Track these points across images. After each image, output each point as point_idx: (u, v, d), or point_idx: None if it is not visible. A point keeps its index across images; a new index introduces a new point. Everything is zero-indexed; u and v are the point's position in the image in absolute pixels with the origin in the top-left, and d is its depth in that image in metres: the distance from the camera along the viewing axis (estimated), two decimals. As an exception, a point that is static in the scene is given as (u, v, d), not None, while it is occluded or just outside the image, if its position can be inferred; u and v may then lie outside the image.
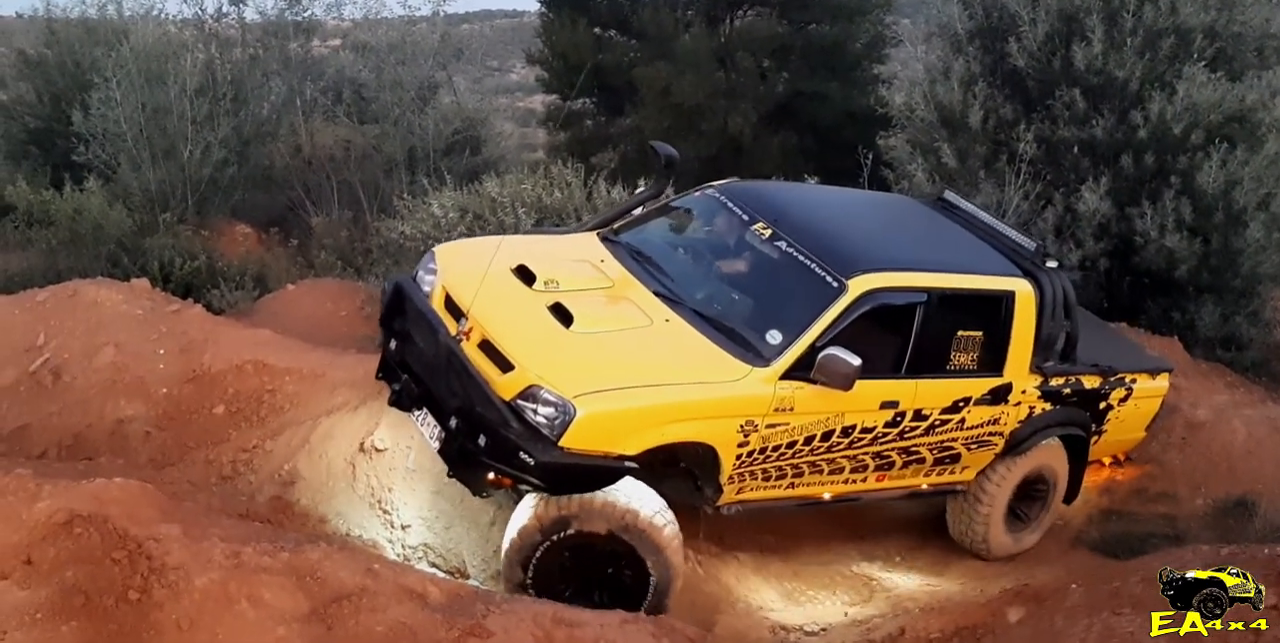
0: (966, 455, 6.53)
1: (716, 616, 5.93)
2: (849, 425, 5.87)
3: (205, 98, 11.84)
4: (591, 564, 5.33)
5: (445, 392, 5.36)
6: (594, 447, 5.11)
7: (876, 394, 5.89)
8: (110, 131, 11.55)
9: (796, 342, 5.57)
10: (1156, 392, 7.33)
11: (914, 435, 6.18)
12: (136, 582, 4.19)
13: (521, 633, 4.47)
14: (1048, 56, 10.02)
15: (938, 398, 6.16)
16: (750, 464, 5.65)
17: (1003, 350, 6.34)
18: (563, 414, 5.05)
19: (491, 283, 5.59)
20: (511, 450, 5.07)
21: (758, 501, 5.91)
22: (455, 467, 5.33)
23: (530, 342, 5.38)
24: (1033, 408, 6.61)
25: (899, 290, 5.92)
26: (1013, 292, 6.32)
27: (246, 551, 4.45)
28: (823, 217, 6.42)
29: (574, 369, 5.23)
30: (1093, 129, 9.70)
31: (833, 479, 6.10)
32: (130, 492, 4.65)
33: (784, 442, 5.67)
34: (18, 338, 7.17)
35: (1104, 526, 7.38)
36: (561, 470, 5.10)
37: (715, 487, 5.66)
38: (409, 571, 4.91)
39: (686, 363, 5.46)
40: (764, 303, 5.92)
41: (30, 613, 4.03)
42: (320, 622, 4.28)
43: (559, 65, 14.39)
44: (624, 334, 5.54)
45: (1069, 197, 9.76)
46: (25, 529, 4.32)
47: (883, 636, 5.83)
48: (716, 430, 5.44)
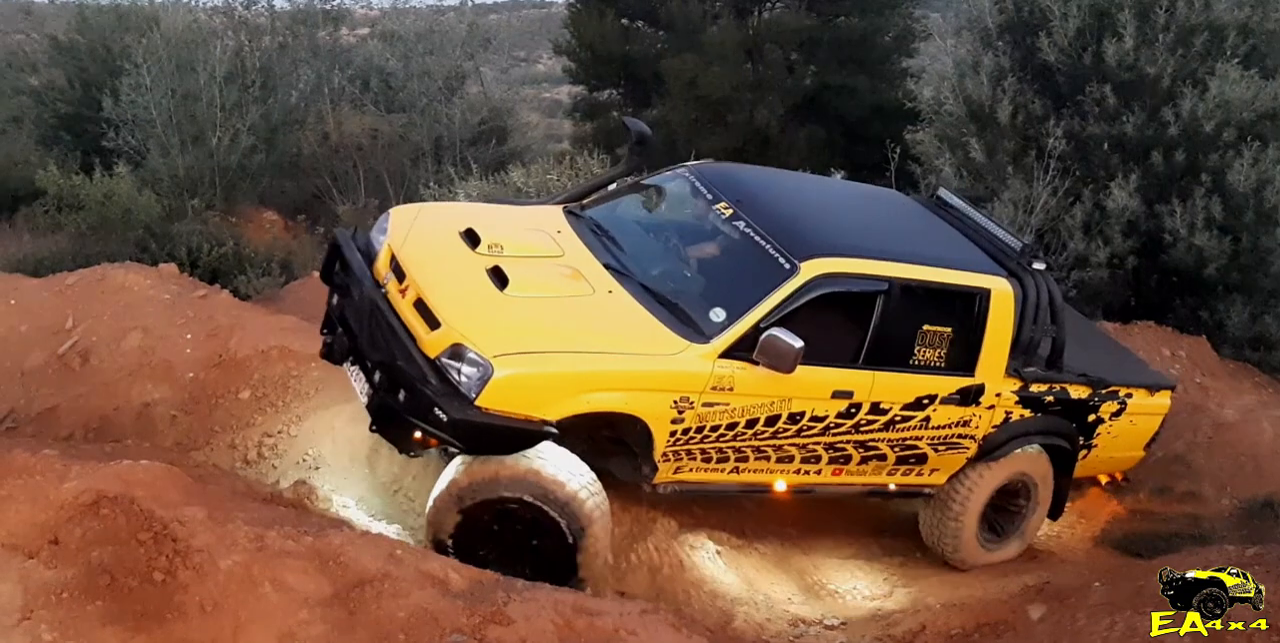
0: (934, 457, 6.33)
1: (737, 607, 5.90)
2: (797, 412, 5.71)
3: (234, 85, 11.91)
4: (515, 533, 5.24)
5: (370, 345, 5.35)
6: (511, 408, 5.04)
7: (828, 382, 5.74)
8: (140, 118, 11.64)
9: (740, 321, 5.47)
10: (1156, 409, 7.07)
11: (871, 429, 6.00)
12: (161, 563, 4.20)
13: (542, 621, 4.45)
14: (1078, 52, 9.93)
15: (898, 393, 5.98)
16: (687, 443, 5.54)
17: (975, 350, 6.14)
18: (481, 373, 4.99)
19: (435, 244, 5.64)
20: (427, 406, 5.02)
21: (698, 483, 5.81)
22: (378, 422, 5.30)
23: (461, 302, 5.32)
24: (1009, 413, 6.41)
25: (857, 277, 5.77)
26: (988, 290, 6.12)
27: (270, 534, 4.46)
28: (790, 201, 6.33)
29: (499, 330, 5.18)
30: (1123, 125, 9.62)
31: (782, 468, 5.95)
32: (156, 474, 4.67)
33: (723, 423, 5.55)
34: (47, 321, 7.24)
35: (1128, 525, 7.33)
36: (476, 429, 5.03)
37: (650, 464, 5.57)
38: (431, 557, 4.87)
39: (621, 334, 5.40)
40: (714, 282, 5.83)
41: (56, 592, 4.05)
42: (342, 606, 4.29)
43: (586, 56, 14.38)
44: (560, 301, 5.46)
45: (1098, 193, 9.68)
46: (52, 509, 4.34)
47: (903, 631, 5.80)
48: (647, 404, 5.33)
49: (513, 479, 5.16)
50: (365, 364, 5.45)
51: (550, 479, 5.18)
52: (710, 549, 6.20)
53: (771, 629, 5.81)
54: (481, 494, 5.17)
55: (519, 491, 5.16)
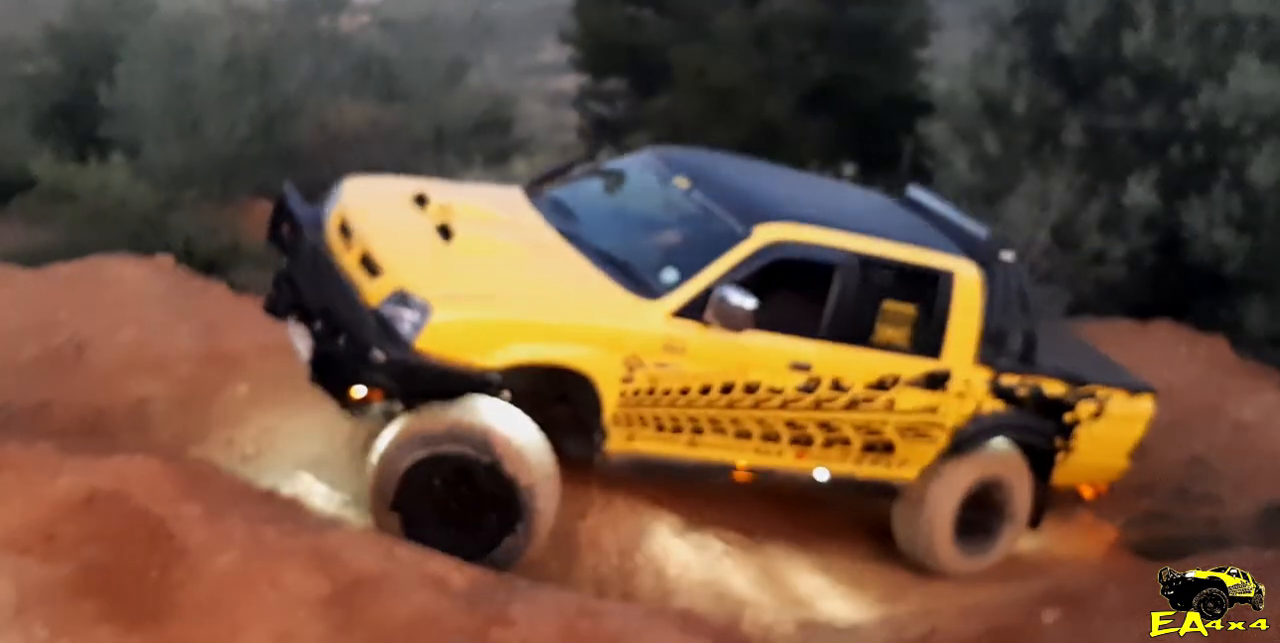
0: (902, 446, 6.23)
1: (744, 609, 5.82)
2: (753, 383, 5.67)
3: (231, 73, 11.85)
4: (459, 493, 5.19)
5: (311, 292, 5.33)
6: (450, 353, 5.02)
7: (785, 353, 5.73)
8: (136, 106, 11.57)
9: (692, 281, 5.48)
10: (1137, 414, 6.93)
11: (833, 408, 5.92)
12: (157, 560, 4.14)
13: (545, 623, 4.38)
14: (1096, 43, 9.91)
15: (860, 370, 5.93)
16: (638, 406, 5.49)
17: (939, 333, 6.11)
18: (420, 316, 4.99)
19: (385, 206, 5.71)
20: (364, 347, 4.98)
21: (653, 455, 5.72)
22: (317, 371, 5.25)
23: (404, 252, 5.33)
24: (981, 405, 6.33)
25: (812, 246, 5.81)
26: (952, 272, 6.10)
27: (268, 532, 4.38)
28: (749, 178, 6.42)
29: (441, 277, 5.19)
30: (1141, 119, 9.61)
31: (741, 446, 5.88)
32: (152, 470, 4.59)
33: (676, 387, 5.50)
34: (40, 313, 7.17)
35: (1145, 528, 7.25)
36: (412, 371, 5.02)
37: (600, 430, 5.50)
38: (431, 556, 4.79)
39: (569, 288, 5.44)
40: (667, 247, 5.86)
41: (50, 589, 3.97)
42: (341, 606, 4.20)
43: (592, 45, 14.28)
44: (506, 256, 5.49)
45: (1115, 188, 9.62)
46: (46, 505, 4.27)
47: (914, 635, 5.71)
48: (594, 360, 5.29)
49: (461, 433, 5.09)
50: (308, 317, 5.40)
51: (494, 432, 5.11)
52: (717, 550, 6.12)
53: (779, 632, 5.72)
54: (428, 449, 5.09)
55: (467, 445, 5.08)
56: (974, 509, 6.59)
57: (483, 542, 5.20)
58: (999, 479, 6.60)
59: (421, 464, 5.10)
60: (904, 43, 13.37)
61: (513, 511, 5.18)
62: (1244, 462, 7.54)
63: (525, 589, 4.69)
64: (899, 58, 13.28)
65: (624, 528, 5.95)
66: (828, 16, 12.99)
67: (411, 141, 12.61)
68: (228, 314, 7.10)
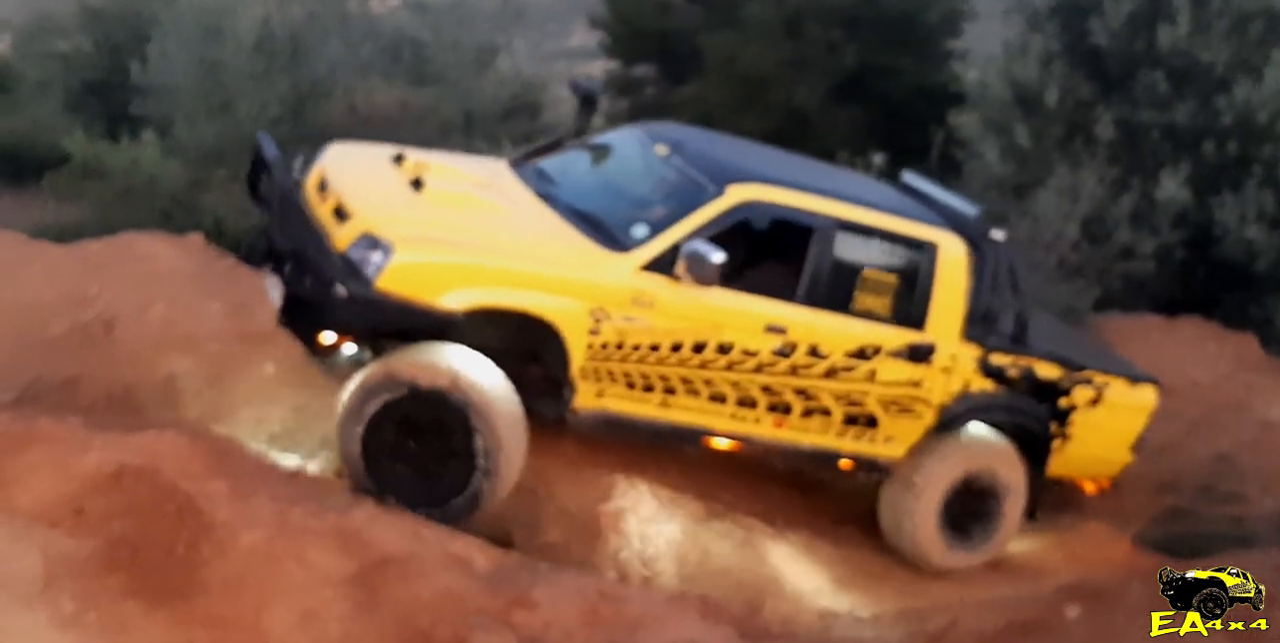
0: (886, 421, 6.18)
1: (764, 598, 5.82)
2: (726, 343, 5.69)
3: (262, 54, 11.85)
4: (423, 438, 5.26)
5: (283, 238, 5.44)
6: (412, 293, 5.12)
7: (759, 314, 5.75)
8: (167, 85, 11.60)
9: (662, 235, 5.56)
10: (1139, 405, 6.80)
11: (811, 375, 5.91)
12: (184, 536, 4.19)
13: (567, 605, 4.44)
14: (1130, 36, 9.81)
15: (839, 338, 5.92)
16: (606, 360, 5.52)
17: (923, 305, 6.09)
18: (383, 256, 5.11)
19: (363, 164, 5.94)
20: (328, 285, 5.13)
21: (623, 414, 5.74)
22: (286, 313, 5.45)
23: (374, 201, 5.47)
24: (969, 383, 6.27)
25: (785, 207, 5.89)
26: (936, 244, 6.11)
27: (294, 510, 4.44)
28: (728, 148, 6.50)
29: (407, 221, 5.33)
30: (1174, 113, 9.51)
31: (716, 410, 5.87)
32: (180, 446, 4.65)
33: (646, 343, 5.55)
34: (70, 289, 7.19)
35: (1168, 525, 7.21)
36: (373, 309, 5.13)
37: (569, 384, 5.54)
38: (456, 537, 4.87)
39: (536, 238, 5.55)
40: (641, 206, 5.92)
41: (79, 563, 4.03)
42: (365, 585, 4.27)
43: (622, 31, 14.22)
44: (477, 208, 5.61)
45: (1146, 183, 9.54)
46: (76, 480, 4.33)
47: (935, 627, 5.72)
48: (559, 309, 5.36)
49: (425, 375, 5.14)
50: (281, 264, 5.54)
51: (465, 379, 5.16)
52: (738, 537, 6.13)
53: (800, 621, 5.72)
54: (391, 392, 5.14)
55: (430, 387, 5.12)
56: (964, 503, 6.47)
57: (445, 488, 5.25)
58: (990, 473, 6.46)
59: (385, 408, 5.16)
60: (936, 33, 13.24)
61: (476, 456, 5.21)
62: (1270, 460, 7.48)
63: (548, 572, 4.75)
64: (931, 48, 13.15)
65: (646, 514, 5.95)
66: (859, 6, 12.89)
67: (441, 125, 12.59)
68: (257, 293, 7.09)
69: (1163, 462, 7.54)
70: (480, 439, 5.18)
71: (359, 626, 4.11)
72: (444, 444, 5.26)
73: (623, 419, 5.76)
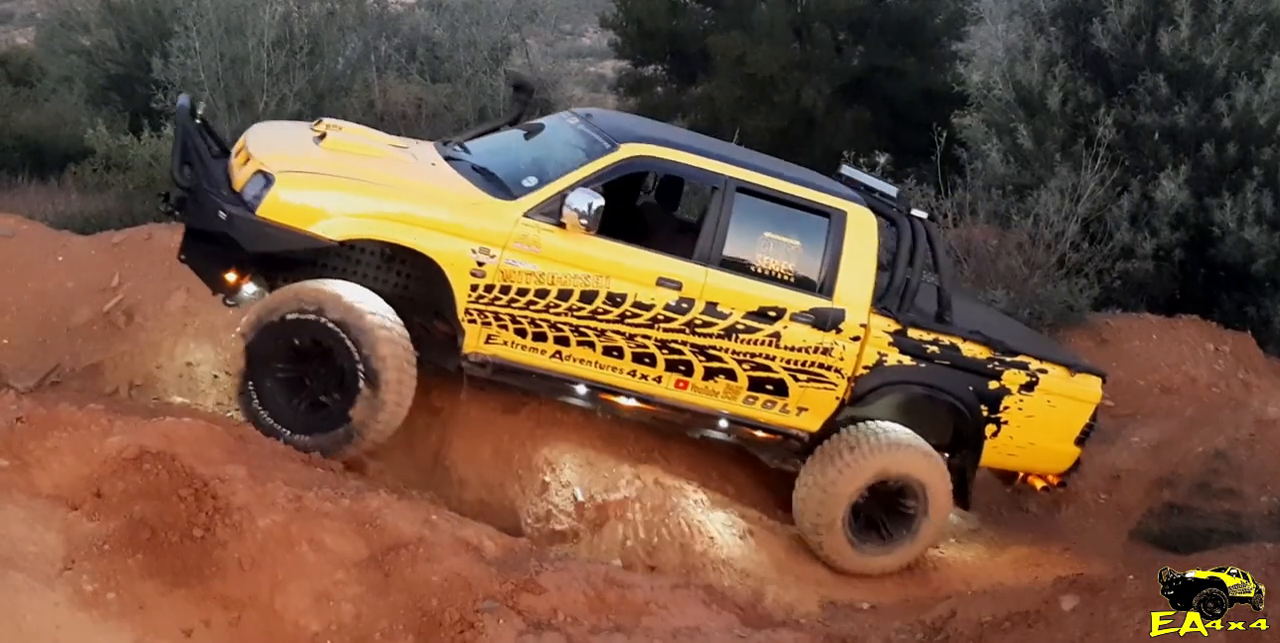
0: (795, 389, 6.11)
1: (766, 586, 5.91)
2: (617, 293, 5.76)
3: (282, 50, 11.88)
4: (308, 365, 5.46)
5: (181, 176, 5.59)
6: (291, 220, 5.38)
7: (652, 267, 5.82)
8: (188, 80, 11.64)
9: (549, 185, 5.73)
10: (1080, 395, 6.64)
11: (710, 334, 5.91)
12: (201, 519, 4.28)
13: (573, 591, 4.54)
14: (1132, 40, 9.83)
15: (737, 297, 5.93)
16: (493, 304, 5.65)
17: (831, 272, 6.06)
18: (265, 184, 5.41)
19: (279, 128, 6.38)
20: (213, 210, 5.40)
21: (517, 363, 5.83)
22: (185, 251, 5.70)
23: (274, 148, 5.78)
24: (884, 355, 6.19)
25: (680, 165, 6.04)
26: (844, 212, 6.12)
27: (309, 495, 4.54)
28: (648, 124, 6.67)
29: (297, 159, 5.64)
30: (1175, 116, 9.51)
31: (614, 365, 5.91)
32: (198, 432, 4.74)
33: (532, 288, 5.66)
34: (93, 278, 7.33)
35: (1165, 519, 7.24)
36: (255, 231, 5.37)
37: (457, 326, 5.66)
38: (467, 523, 4.96)
39: (424, 182, 5.76)
40: (539, 165, 6.06)
41: (98, 544, 4.13)
42: (378, 568, 4.36)
43: (633, 30, 14.26)
44: (373, 155, 5.87)
45: (1146, 184, 9.58)
46: (96, 463, 4.42)
47: (934, 616, 5.72)
48: (442, 247, 5.53)
49: (310, 300, 5.35)
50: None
51: (347, 304, 5.35)
52: (742, 527, 6.21)
53: (801, 610, 5.79)
54: (281, 311, 5.36)
55: (314, 311, 5.32)
56: (877, 504, 6.33)
57: (328, 416, 5.43)
58: (910, 478, 6.26)
59: (268, 335, 5.39)
60: (941, 35, 13.27)
61: (357, 384, 5.36)
62: (1267, 458, 7.47)
63: (555, 559, 4.85)
64: (935, 50, 13.18)
65: (652, 503, 6.04)
66: (866, 8, 12.93)
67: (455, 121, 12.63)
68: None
69: (1160, 458, 7.59)
70: (360, 367, 5.34)
71: (371, 608, 4.21)
72: (327, 373, 5.45)
73: (515, 367, 5.83)
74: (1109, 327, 9.01)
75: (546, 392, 6.06)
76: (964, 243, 9.50)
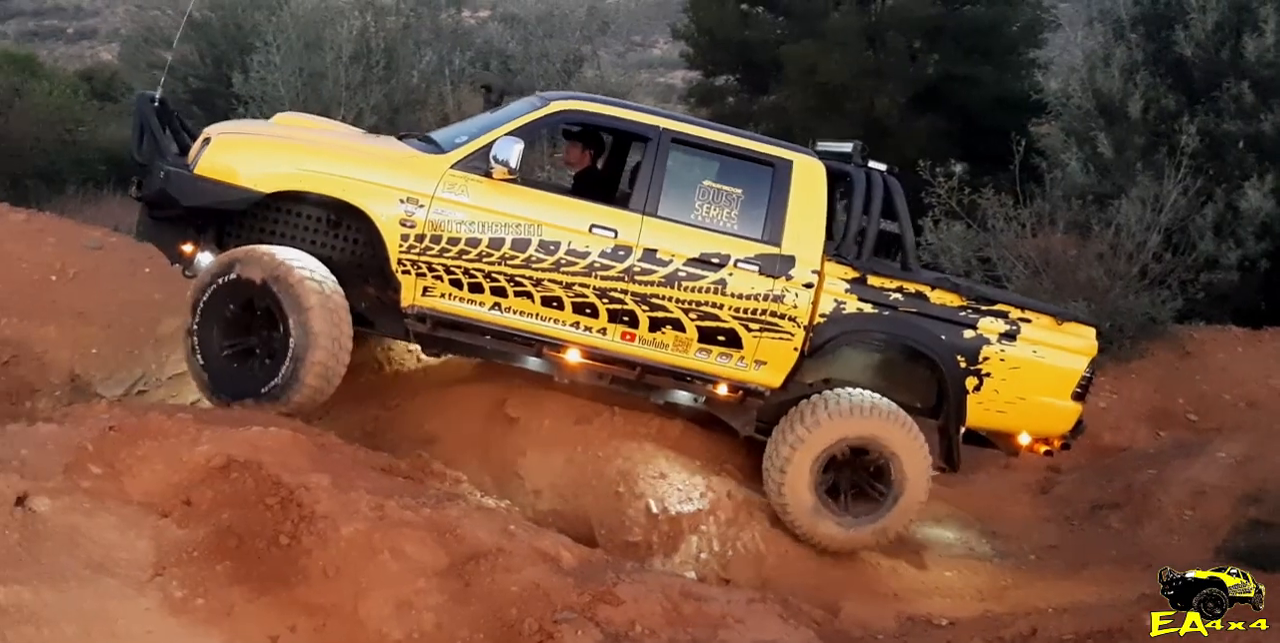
0: (749, 339, 5.96)
1: (843, 601, 5.84)
2: (550, 241, 5.79)
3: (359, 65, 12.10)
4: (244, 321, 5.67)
5: (138, 154, 5.93)
6: (224, 177, 5.67)
7: (583, 214, 5.88)
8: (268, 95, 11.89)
9: (478, 138, 5.90)
10: (1072, 346, 6.29)
11: (651, 281, 5.86)
12: (287, 527, 4.35)
13: (650, 603, 4.51)
14: (1216, 46, 9.69)
15: (676, 243, 5.88)
16: (424, 254, 5.74)
17: (778, 220, 5.99)
18: (203, 146, 5.78)
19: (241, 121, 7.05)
20: (157, 174, 5.73)
21: (455, 315, 5.88)
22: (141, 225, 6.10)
23: (227, 124, 6.27)
24: (841, 303, 6.04)
25: (610, 117, 6.15)
26: (790, 161, 6.08)
27: (390, 504, 4.58)
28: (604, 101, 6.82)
29: (239, 126, 6.17)
30: (1260, 124, 9.36)
31: (555, 316, 5.89)
32: (283, 441, 4.83)
33: (463, 237, 5.74)
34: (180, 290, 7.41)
35: (1251, 536, 7.05)
36: (186, 183, 5.67)
37: (393, 281, 5.78)
38: (544, 534, 4.97)
39: (358, 145, 6.15)
40: (477, 127, 6.20)
41: (188, 551, 4.21)
42: (458, 577, 4.39)
43: (704, 41, 14.31)
44: (319, 127, 6.44)
45: (1231, 193, 9.43)
46: (185, 471, 4.51)
47: (1012, 634, 5.61)
48: (368, 196, 5.69)
49: (251, 260, 5.56)
50: None
51: (280, 262, 5.54)
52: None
53: (877, 626, 5.71)
54: (222, 275, 5.57)
55: (253, 271, 5.52)
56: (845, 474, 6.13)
57: (265, 372, 5.58)
58: (870, 440, 6.03)
59: (211, 296, 5.61)
60: (1017, 43, 13.13)
61: (289, 341, 5.51)
62: (1359, 475, 7.30)
63: (632, 570, 4.84)
64: (1012, 58, 13.06)
65: (725, 515, 6.02)
66: (941, 16, 12.83)
67: (527, 133, 12.76)
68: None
69: (1246, 474, 7.40)
70: (294, 324, 5.50)
71: (451, 616, 4.23)
72: (265, 331, 5.65)
73: (455, 320, 5.88)
74: (1193, 339, 8.84)
75: (495, 353, 6.10)
76: (1043, 253, 9.36)
